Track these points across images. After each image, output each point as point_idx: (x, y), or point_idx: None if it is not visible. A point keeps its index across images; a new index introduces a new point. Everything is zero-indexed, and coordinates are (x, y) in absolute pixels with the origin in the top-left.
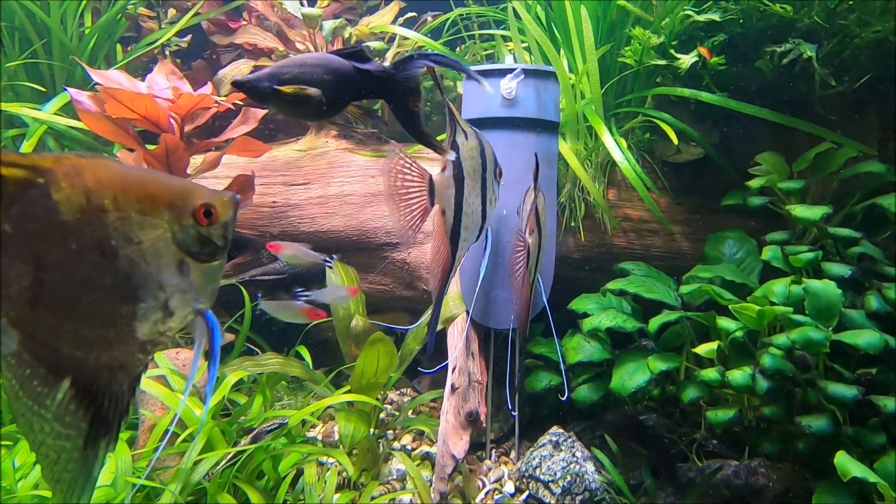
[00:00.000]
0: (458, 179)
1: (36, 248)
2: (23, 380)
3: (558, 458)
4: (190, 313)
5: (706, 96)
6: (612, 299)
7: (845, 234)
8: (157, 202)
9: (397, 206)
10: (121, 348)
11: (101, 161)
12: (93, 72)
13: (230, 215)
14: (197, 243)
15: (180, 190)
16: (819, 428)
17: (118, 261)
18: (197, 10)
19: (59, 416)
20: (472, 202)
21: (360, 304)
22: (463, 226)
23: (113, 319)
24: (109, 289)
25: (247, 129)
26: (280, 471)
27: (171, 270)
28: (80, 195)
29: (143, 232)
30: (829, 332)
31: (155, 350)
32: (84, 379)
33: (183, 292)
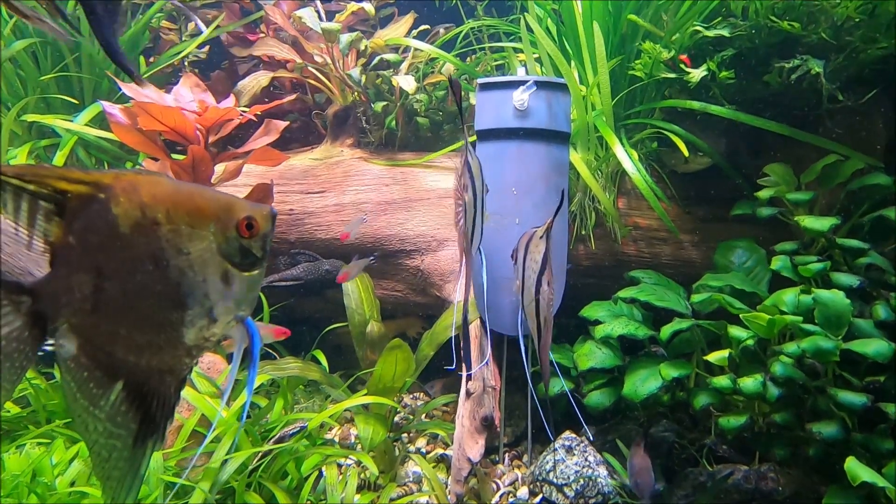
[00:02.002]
0: (474, 198)
1: (96, 258)
2: (80, 382)
3: (571, 462)
4: (232, 320)
5: (716, 109)
6: (623, 307)
7: (854, 245)
8: (205, 215)
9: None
10: (170, 353)
11: (155, 178)
12: (124, 85)
13: (269, 227)
14: (239, 254)
15: (225, 204)
16: (829, 434)
17: (169, 270)
18: (218, 24)
19: (112, 417)
20: (479, 216)
21: (375, 310)
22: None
23: (163, 325)
24: (160, 296)
25: (269, 140)
26: (303, 472)
27: (216, 280)
28: (136, 209)
29: (192, 243)
30: (839, 340)
31: (200, 354)
32: (135, 381)
33: (226, 300)
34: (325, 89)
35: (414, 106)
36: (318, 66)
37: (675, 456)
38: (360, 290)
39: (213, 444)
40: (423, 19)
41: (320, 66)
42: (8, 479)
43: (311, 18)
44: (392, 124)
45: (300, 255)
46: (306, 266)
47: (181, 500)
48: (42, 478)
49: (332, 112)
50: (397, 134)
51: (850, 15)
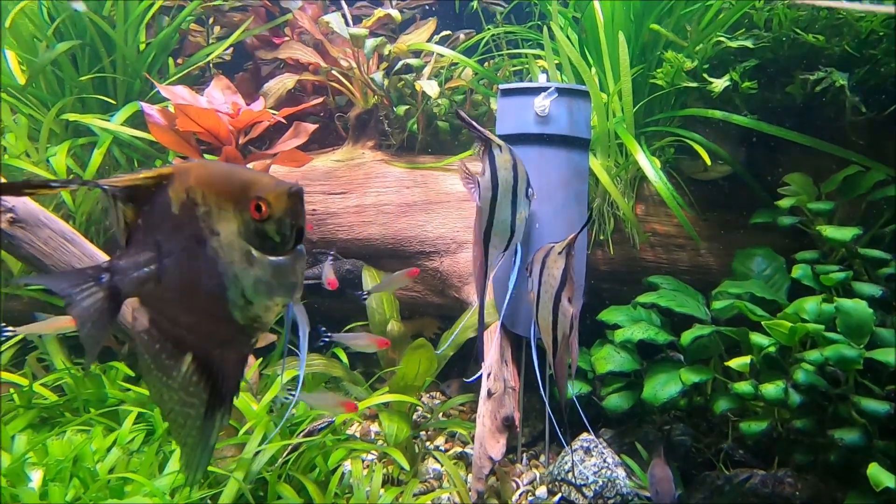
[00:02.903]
0: (493, 185)
1: (157, 237)
2: (153, 354)
3: (590, 463)
4: (273, 304)
5: (738, 118)
6: (641, 312)
7: (875, 256)
8: (227, 196)
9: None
10: (224, 329)
11: (206, 162)
12: (162, 87)
13: (284, 209)
14: (256, 237)
15: (243, 183)
16: (852, 440)
17: (207, 250)
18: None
19: (184, 387)
20: (504, 211)
21: (394, 310)
22: (493, 232)
23: (211, 303)
24: (205, 275)
25: (298, 142)
26: (329, 465)
27: (242, 262)
28: (182, 191)
29: (220, 224)
30: (862, 349)
31: (255, 334)
32: (202, 355)
33: (256, 284)
34: (346, 92)
35: (434, 110)
36: (343, 69)
37: (691, 460)
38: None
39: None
40: (444, 25)
41: (345, 70)
42: (52, 464)
43: (339, 23)
44: (413, 128)
45: (321, 254)
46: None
47: (215, 489)
48: (84, 463)
49: (354, 115)
50: (418, 137)
51: (874, 28)
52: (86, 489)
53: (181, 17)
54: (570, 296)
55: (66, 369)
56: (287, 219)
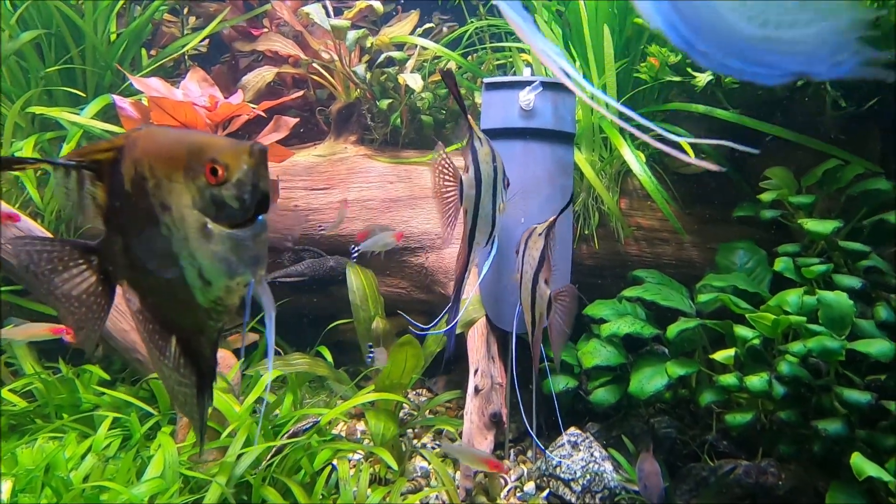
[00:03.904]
0: (476, 181)
1: (119, 217)
2: (149, 334)
3: (577, 457)
4: (234, 284)
5: (721, 113)
6: (627, 305)
7: (855, 248)
8: (176, 164)
9: (439, 201)
10: (193, 313)
11: (155, 130)
12: (134, 79)
13: (245, 170)
14: (212, 207)
15: (194, 147)
16: (834, 431)
17: (160, 227)
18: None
19: (176, 367)
20: (486, 205)
21: (379, 307)
22: (477, 228)
23: (173, 287)
24: (161, 257)
25: (279, 136)
26: (315, 466)
27: (197, 238)
28: (131, 166)
29: (171, 198)
30: (844, 340)
31: (221, 318)
32: (182, 338)
33: (214, 261)
34: (328, 85)
35: (418, 104)
36: (324, 62)
37: (677, 452)
38: (364, 286)
39: (227, 438)
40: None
41: (326, 62)
42: (22, 474)
43: (319, 15)
44: (397, 122)
45: (304, 251)
46: (310, 262)
47: (197, 495)
48: (56, 472)
49: (335, 109)
50: (401, 131)
51: None
52: (59, 499)
53: (154, 6)
54: (546, 277)
55: (37, 374)
56: (248, 182)
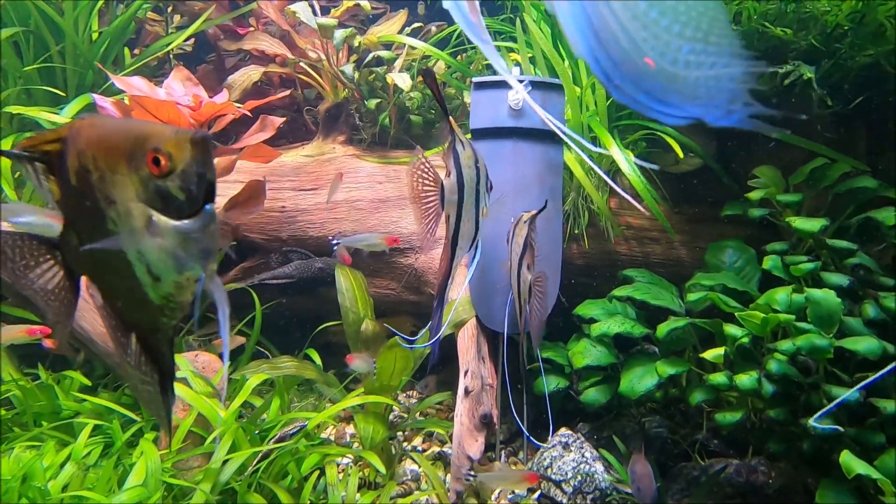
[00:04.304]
0: (458, 186)
1: (69, 211)
2: (112, 330)
3: (568, 458)
4: (184, 279)
5: None
6: (617, 305)
7: (843, 246)
8: (119, 156)
9: (419, 210)
10: (146, 310)
11: (97, 119)
12: (115, 78)
13: (188, 159)
14: (157, 199)
15: (135, 136)
16: (823, 429)
17: (107, 222)
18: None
19: (138, 365)
20: (469, 210)
21: (369, 309)
22: (460, 234)
23: (124, 283)
24: (110, 251)
25: (265, 136)
26: (302, 471)
27: (143, 231)
28: (75, 158)
29: (115, 190)
30: (832, 338)
31: (175, 315)
32: (141, 335)
33: (161, 256)
34: (315, 85)
35: (407, 104)
36: (311, 61)
37: (667, 451)
38: (354, 288)
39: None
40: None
41: (313, 62)
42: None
43: (306, 13)
44: (385, 121)
45: (292, 252)
46: (298, 264)
47: (181, 502)
48: (34, 482)
49: (323, 108)
50: (390, 131)
51: (839, 22)
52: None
53: (136, 4)
54: (529, 263)
55: (14, 380)
56: (192, 171)
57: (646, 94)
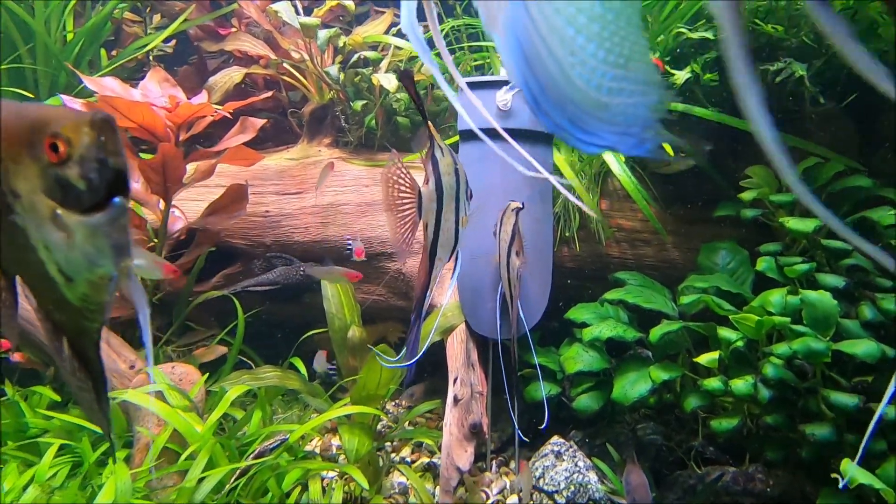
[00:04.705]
0: (438, 194)
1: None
2: (47, 333)
3: (561, 468)
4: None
5: (700, 111)
6: (609, 309)
7: (837, 247)
8: (20, 143)
9: (393, 217)
10: (68, 312)
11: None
12: (86, 78)
13: (87, 144)
14: (59, 190)
15: (34, 120)
16: (823, 436)
17: (16, 217)
18: (186, 17)
19: (73, 371)
20: (448, 219)
21: (355, 315)
22: (439, 243)
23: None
24: (23, 250)
25: (245, 138)
26: (284, 487)
27: (50, 227)
28: None
29: (19, 182)
30: (829, 341)
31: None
32: (70, 339)
33: (66, 253)
34: (300, 87)
35: (393, 105)
36: (294, 62)
37: (662, 459)
38: (340, 293)
39: (187, 461)
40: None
41: (296, 62)
42: None
43: (288, 13)
44: (372, 123)
45: (276, 258)
46: (283, 270)
47: None
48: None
49: (308, 110)
50: (376, 134)
51: None
52: None
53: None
54: (518, 250)
55: None
56: (92, 157)
57: (569, 121)
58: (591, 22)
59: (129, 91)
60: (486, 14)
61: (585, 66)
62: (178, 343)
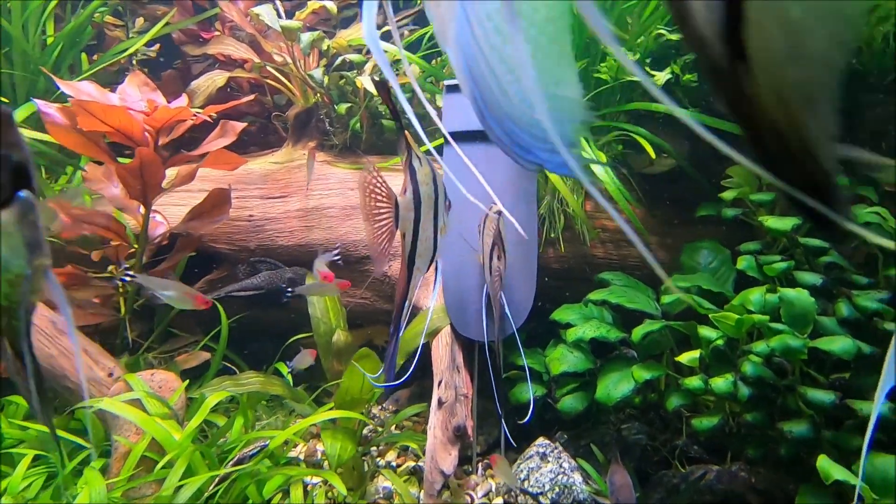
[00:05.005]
0: (415, 204)
1: None
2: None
3: (546, 469)
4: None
5: (680, 112)
6: (593, 309)
7: (815, 245)
8: None
9: (370, 225)
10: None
11: None
12: (62, 83)
13: None
14: None
15: None
16: (800, 433)
17: None
18: (168, 20)
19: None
20: (427, 228)
21: (341, 319)
22: (417, 253)
23: None
24: None
25: (225, 142)
26: (265, 494)
27: None
28: None
29: None
30: (806, 339)
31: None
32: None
33: None
34: (285, 91)
35: (378, 108)
36: (278, 66)
37: (647, 458)
38: (325, 297)
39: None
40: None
41: (280, 66)
42: None
43: (270, 16)
44: (356, 126)
45: (261, 263)
46: (267, 275)
47: None
48: None
49: (293, 114)
50: (362, 137)
51: None
52: None
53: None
54: (499, 254)
55: None
56: None
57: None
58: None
59: (107, 95)
60: (438, 30)
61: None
62: (160, 349)
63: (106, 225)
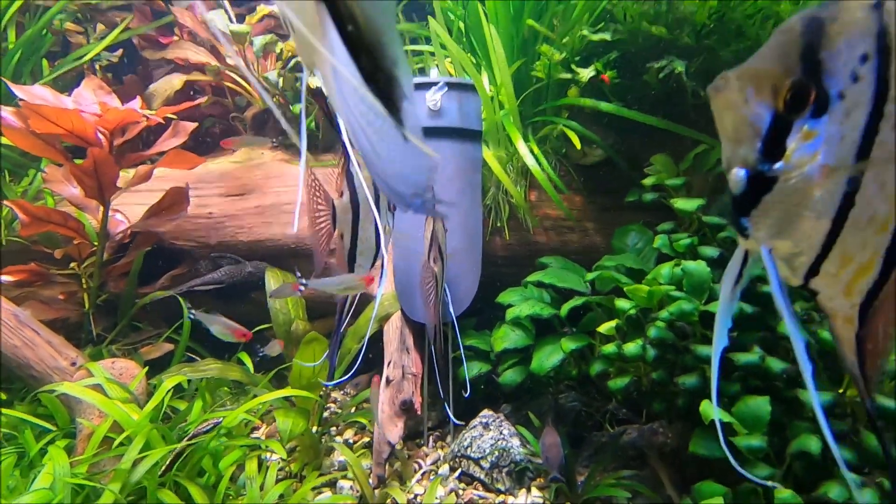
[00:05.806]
0: (354, 205)
1: None
2: None
3: (487, 437)
4: None
5: (604, 106)
6: (533, 290)
7: (714, 221)
8: None
9: (311, 226)
10: None
11: None
12: (15, 87)
13: None
14: None
15: None
16: (691, 384)
17: None
18: (126, 26)
19: None
20: (367, 228)
21: (300, 309)
22: (359, 251)
23: None
24: None
25: (177, 142)
26: (220, 468)
27: None
28: None
29: None
30: (700, 303)
31: None
32: None
33: None
34: (243, 92)
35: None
36: (231, 68)
37: (582, 424)
38: None
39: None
40: None
41: (233, 68)
42: None
43: (221, 21)
44: (311, 126)
45: (222, 258)
46: (228, 269)
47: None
48: None
49: (250, 115)
50: (318, 136)
51: (704, 21)
52: None
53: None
54: (435, 256)
55: None
56: None
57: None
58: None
59: (61, 99)
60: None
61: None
62: (124, 342)
63: (63, 223)
